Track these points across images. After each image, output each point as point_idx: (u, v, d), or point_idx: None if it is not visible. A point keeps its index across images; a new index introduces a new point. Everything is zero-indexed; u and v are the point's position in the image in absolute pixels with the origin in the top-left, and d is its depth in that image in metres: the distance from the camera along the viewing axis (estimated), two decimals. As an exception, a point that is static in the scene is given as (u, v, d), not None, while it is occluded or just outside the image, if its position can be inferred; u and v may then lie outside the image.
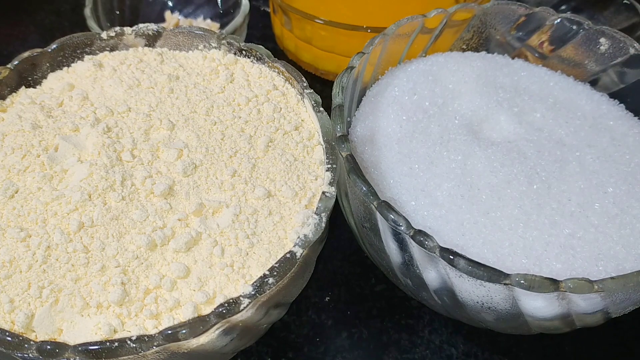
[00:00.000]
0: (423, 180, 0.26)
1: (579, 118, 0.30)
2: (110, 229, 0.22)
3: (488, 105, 0.30)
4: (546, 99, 0.31)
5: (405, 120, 0.29)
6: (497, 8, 0.33)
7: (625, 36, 0.30)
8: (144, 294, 0.21)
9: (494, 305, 0.22)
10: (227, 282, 0.21)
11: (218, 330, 0.19)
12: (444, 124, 0.29)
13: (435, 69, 0.32)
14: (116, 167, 0.24)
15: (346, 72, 0.28)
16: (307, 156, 0.26)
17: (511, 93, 0.31)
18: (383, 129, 0.29)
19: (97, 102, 0.27)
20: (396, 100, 0.30)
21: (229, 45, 0.30)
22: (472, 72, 0.32)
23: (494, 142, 0.28)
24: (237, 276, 0.21)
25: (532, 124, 0.29)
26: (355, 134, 0.29)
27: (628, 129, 0.29)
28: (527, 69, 0.33)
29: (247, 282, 0.21)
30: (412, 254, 0.23)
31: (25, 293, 0.21)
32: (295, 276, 0.22)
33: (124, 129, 0.26)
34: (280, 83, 0.29)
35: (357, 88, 0.30)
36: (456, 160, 0.27)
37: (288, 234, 0.23)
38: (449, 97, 0.30)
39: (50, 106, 0.27)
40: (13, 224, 0.22)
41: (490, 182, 0.26)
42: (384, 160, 0.27)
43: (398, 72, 0.32)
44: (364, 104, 0.31)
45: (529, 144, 0.28)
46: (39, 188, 0.23)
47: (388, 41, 0.31)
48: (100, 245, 0.22)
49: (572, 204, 0.25)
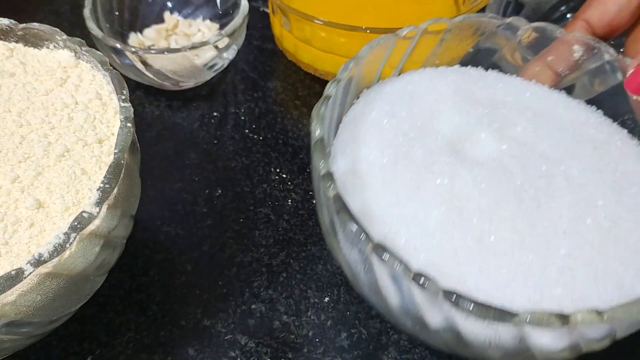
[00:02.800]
0: (411, 209, 0.25)
1: (560, 129, 0.29)
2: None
3: (468, 123, 0.29)
4: (524, 111, 0.30)
5: (386, 145, 0.28)
6: (468, 22, 0.32)
7: (600, 42, 0.30)
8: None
9: (501, 343, 0.21)
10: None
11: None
12: (426, 146, 0.28)
13: (411, 87, 0.31)
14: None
15: (323, 102, 0.27)
16: (98, 171, 0.25)
17: (489, 107, 0.30)
18: (364, 157, 0.27)
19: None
20: (375, 125, 0.29)
21: (72, 47, 0.30)
22: (448, 88, 0.31)
23: (478, 161, 0.27)
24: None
25: (513, 139, 0.28)
26: (336, 166, 0.28)
27: (609, 136, 0.29)
28: (502, 80, 0.32)
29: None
30: (412, 296, 0.22)
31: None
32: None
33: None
34: (106, 93, 0.29)
35: (334, 116, 0.29)
36: (443, 184, 0.26)
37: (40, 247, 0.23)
38: (428, 117, 0.29)
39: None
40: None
41: (480, 204, 0.25)
42: (369, 191, 0.26)
43: (374, 95, 0.31)
44: (341, 132, 0.29)
45: (513, 161, 0.27)
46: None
47: (362, 64, 0.30)
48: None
49: (564, 221, 0.25)
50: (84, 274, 0.24)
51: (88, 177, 0.25)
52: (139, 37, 0.45)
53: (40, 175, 0.25)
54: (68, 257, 0.22)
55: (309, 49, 0.41)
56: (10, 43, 0.31)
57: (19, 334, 0.23)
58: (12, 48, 0.30)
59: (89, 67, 0.30)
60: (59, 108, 0.28)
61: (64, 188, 0.25)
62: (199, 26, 0.45)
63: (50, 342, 0.30)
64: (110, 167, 0.24)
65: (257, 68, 0.46)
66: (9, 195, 0.24)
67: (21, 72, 0.29)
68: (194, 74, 0.41)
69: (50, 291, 0.23)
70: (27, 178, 0.25)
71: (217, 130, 0.41)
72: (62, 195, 0.24)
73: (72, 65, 0.30)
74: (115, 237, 0.26)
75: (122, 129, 0.25)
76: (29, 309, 0.23)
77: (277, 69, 0.46)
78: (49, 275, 0.22)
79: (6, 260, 0.22)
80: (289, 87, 0.45)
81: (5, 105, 0.28)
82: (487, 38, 0.32)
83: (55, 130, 0.27)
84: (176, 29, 0.45)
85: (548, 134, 0.29)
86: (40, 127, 0.27)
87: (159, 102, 0.43)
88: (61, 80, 0.29)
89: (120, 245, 0.28)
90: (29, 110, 0.28)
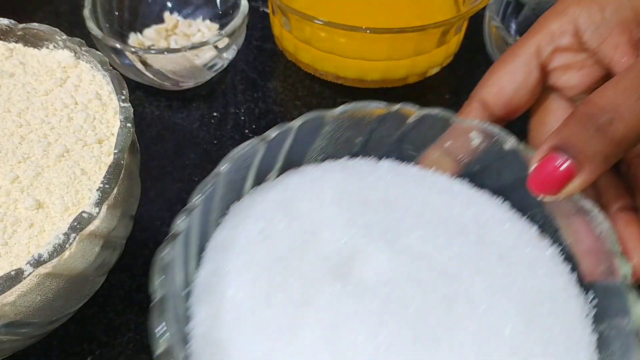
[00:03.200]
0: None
1: (462, 231, 0.26)
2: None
3: (355, 237, 0.25)
4: (422, 212, 0.27)
5: (257, 277, 0.24)
6: (350, 113, 0.28)
7: (501, 129, 0.27)
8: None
9: None
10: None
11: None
12: (305, 274, 0.24)
13: (289, 195, 0.27)
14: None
15: (169, 243, 0.22)
16: (97, 172, 0.25)
17: (381, 212, 0.26)
18: (231, 297, 0.23)
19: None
20: (244, 251, 0.25)
21: (72, 47, 0.30)
22: (333, 191, 0.27)
23: (367, 288, 0.23)
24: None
25: (409, 252, 0.25)
26: (194, 323, 0.23)
27: (517, 238, 0.26)
28: (397, 172, 0.29)
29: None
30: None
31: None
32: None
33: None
34: (106, 93, 0.28)
35: (190, 252, 0.24)
36: (325, 326, 0.22)
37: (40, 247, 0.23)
38: (309, 232, 0.25)
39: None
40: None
41: (369, 349, 0.21)
42: (235, 348, 0.21)
43: (244, 209, 0.27)
44: (204, 264, 0.25)
45: (408, 284, 0.23)
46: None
47: (229, 174, 0.25)
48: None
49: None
50: (83, 275, 0.24)
51: (88, 178, 0.25)
52: (139, 37, 0.45)
53: (39, 175, 0.25)
54: (68, 258, 0.22)
55: (309, 49, 0.41)
56: (10, 43, 0.31)
57: (18, 335, 0.23)
58: (12, 48, 0.31)
59: (88, 67, 0.30)
60: (58, 108, 0.28)
61: (63, 188, 0.25)
62: (198, 26, 0.45)
63: (50, 342, 0.30)
64: (110, 168, 0.24)
65: (257, 68, 0.46)
66: (9, 196, 0.24)
67: (21, 72, 0.29)
68: (194, 74, 0.41)
69: (50, 291, 0.23)
70: (26, 178, 0.25)
71: (217, 130, 0.41)
72: (61, 196, 0.24)
73: (71, 66, 0.30)
74: (115, 237, 0.26)
75: (122, 129, 0.25)
76: (29, 309, 0.23)
77: (277, 69, 0.46)
78: (49, 276, 0.22)
79: (6, 260, 0.22)
80: (289, 87, 0.45)
81: (5, 106, 0.28)
82: (378, 124, 0.28)
83: (55, 130, 0.27)
84: (176, 29, 0.45)
85: (449, 240, 0.25)
86: (39, 127, 0.27)
87: (159, 102, 0.43)
88: (61, 81, 0.29)
89: (120, 246, 0.28)
90: (29, 111, 0.28)
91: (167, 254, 0.21)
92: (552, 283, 0.25)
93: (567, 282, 0.25)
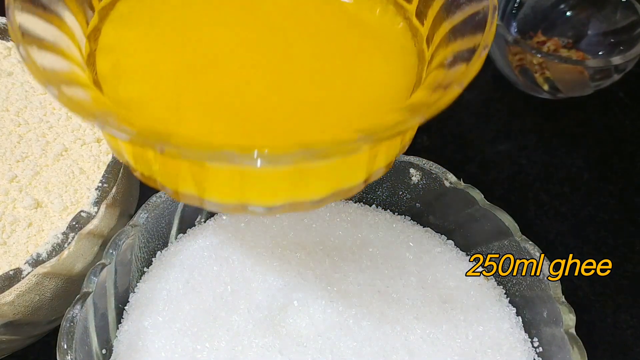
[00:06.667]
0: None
1: (402, 274, 0.24)
2: None
3: (287, 283, 0.24)
4: (361, 253, 0.25)
5: (181, 333, 0.22)
6: None
7: (439, 168, 0.26)
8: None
9: None
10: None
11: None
12: (234, 328, 0.22)
13: (218, 240, 0.25)
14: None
15: (77, 303, 0.21)
16: (96, 171, 0.25)
17: (317, 254, 0.25)
18: (153, 356, 0.22)
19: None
20: (167, 306, 0.23)
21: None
22: (266, 235, 0.25)
23: (300, 340, 0.22)
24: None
25: (344, 299, 0.23)
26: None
27: (460, 280, 0.25)
28: (337, 210, 0.27)
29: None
30: None
31: None
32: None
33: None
34: None
35: (109, 308, 0.23)
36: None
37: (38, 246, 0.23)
38: (240, 281, 0.24)
39: None
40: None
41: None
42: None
43: (169, 258, 0.25)
44: (126, 320, 0.23)
45: (342, 334, 0.22)
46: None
47: (148, 224, 0.24)
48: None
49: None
50: (82, 274, 0.24)
51: (86, 177, 0.25)
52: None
53: (38, 174, 0.25)
54: (66, 257, 0.22)
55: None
56: (8, 42, 0.31)
57: (17, 334, 0.23)
58: (10, 47, 0.30)
59: None
60: (57, 107, 0.28)
61: (62, 187, 0.25)
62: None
63: (49, 342, 0.30)
64: (109, 167, 0.24)
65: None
66: (7, 195, 0.24)
67: (19, 71, 0.29)
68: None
69: (49, 291, 0.23)
70: (25, 177, 0.25)
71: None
72: (60, 195, 0.24)
73: None
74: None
75: None
76: (28, 309, 0.22)
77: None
78: (48, 275, 0.22)
79: (4, 260, 0.22)
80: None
81: (3, 105, 0.28)
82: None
83: (54, 129, 0.27)
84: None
85: (388, 285, 0.24)
86: (38, 126, 0.27)
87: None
88: (60, 79, 0.29)
89: (119, 245, 0.28)
90: (27, 109, 0.28)
91: (77, 315, 0.21)
92: (497, 327, 0.24)
93: (513, 327, 0.24)
